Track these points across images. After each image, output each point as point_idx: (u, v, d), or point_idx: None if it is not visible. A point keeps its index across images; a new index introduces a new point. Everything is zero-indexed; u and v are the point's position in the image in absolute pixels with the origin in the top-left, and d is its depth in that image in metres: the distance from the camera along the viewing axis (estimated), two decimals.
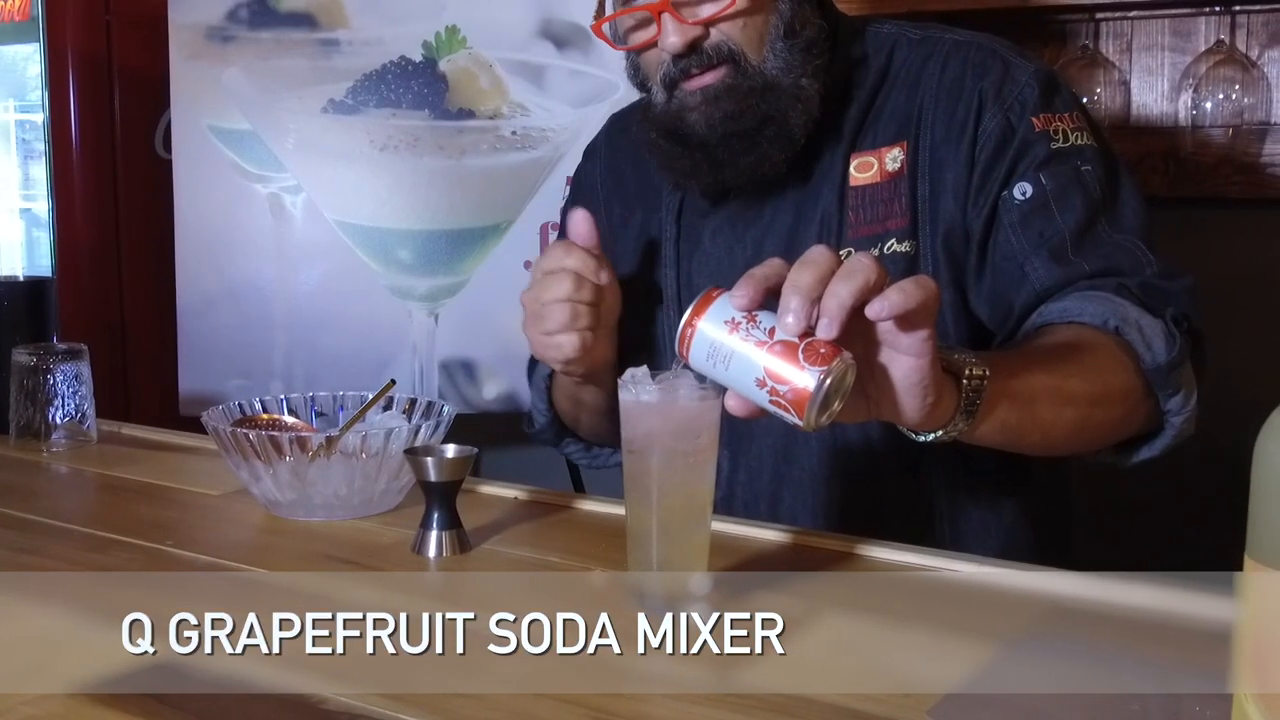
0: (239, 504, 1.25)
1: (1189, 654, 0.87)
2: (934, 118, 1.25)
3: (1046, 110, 1.24)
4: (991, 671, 0.84)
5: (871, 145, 1.27)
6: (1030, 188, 1.21)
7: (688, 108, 1.24)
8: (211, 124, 2.31)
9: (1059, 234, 1.20)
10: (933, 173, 1.25)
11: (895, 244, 1.24)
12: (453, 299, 2.30)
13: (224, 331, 2.32)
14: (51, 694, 0.80)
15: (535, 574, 1.06)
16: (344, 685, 0.81)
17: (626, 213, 1.43)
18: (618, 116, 1.54)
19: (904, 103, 1.27)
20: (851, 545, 1.09)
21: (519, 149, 2.25)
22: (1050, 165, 1.22)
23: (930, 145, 1.25)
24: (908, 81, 1.28)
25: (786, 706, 0.78)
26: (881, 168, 1.26)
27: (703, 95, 1.23)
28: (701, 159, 1.26)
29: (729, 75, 1.23)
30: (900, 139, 1.26)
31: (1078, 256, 1.20)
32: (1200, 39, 1.92)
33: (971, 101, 1.24)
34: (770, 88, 1.23)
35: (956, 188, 1.24)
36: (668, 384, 0.94)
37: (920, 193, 1.25)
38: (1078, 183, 1.22)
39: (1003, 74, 1.25)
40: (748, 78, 1.23)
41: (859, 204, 1.27)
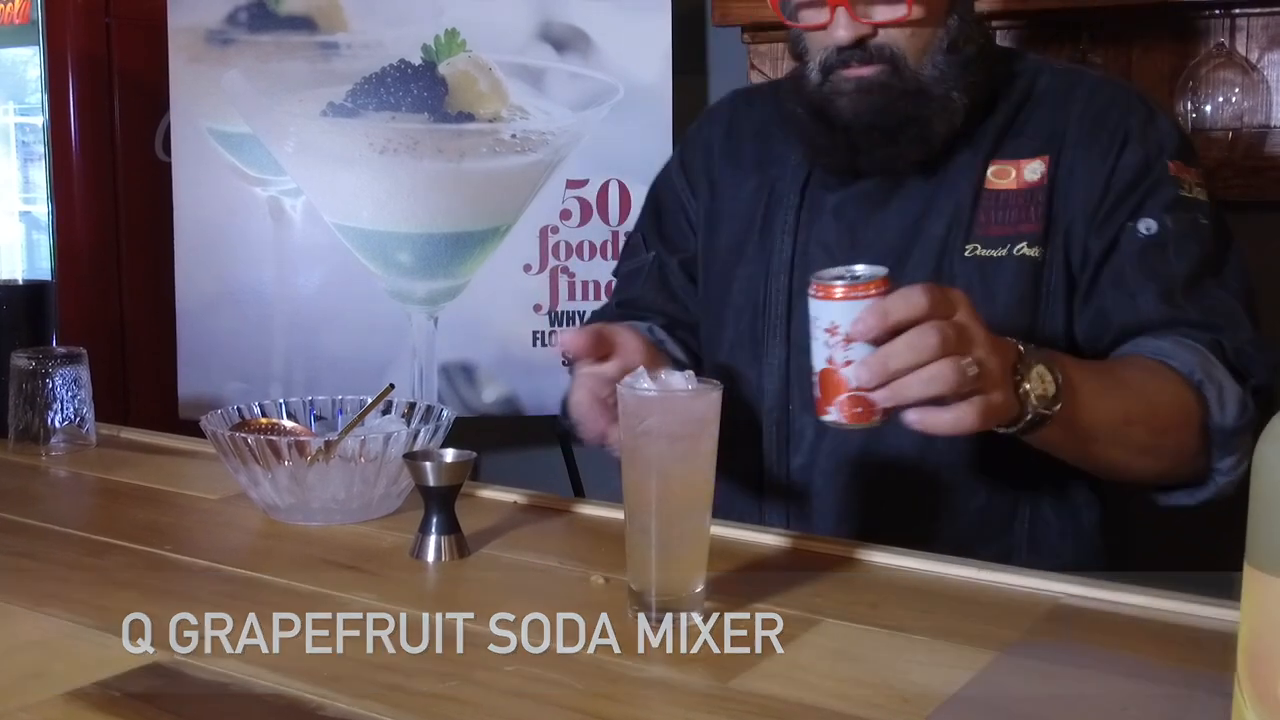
0: (237, 508, 1.25)
1: (1188, 659, 0.87)
2: (1078, 139, 1.31)
3: (1181, 159, 1.31)
4: (990, 676, 0.83)
5: (1012, 156, 1.33)
6: (1155, 225, 1.28)
7: (840, 92, 1.30)
8: (211, 127, 2.31)
9: (1171, 275, 1.26)
10: (1069, 189, 1.31)
11: (1025, 247, 1.30)
12: (452, 302, 2.30)
13: (223, 335, 2.32)
14: (49, 698, 0.80)
15: (534, 578, 1.05)
16: (342, 689, 0.81)
17: (740, 177, 1.47)
18: (744, 93, 1.61)
19: (1048, 121, 1.34)
20: (850, 549, 1.09)
21: (518, 152, 2.25)
22: (1176, 210, 1.28)
23: (1070, 163, 1.31)
24: (1053, 103, 1.35)
25: (785, 711, 0.78)
26: (1019, 176, 1.32)
27: (857, 84, 1.29)
28: (841, 141, 1.33)
29: (885, 73, 1.29)
30: (1043, 153, 1.32)
31: (1185, 302, 1.26)
32: (1200, 42, 1.92)
33: (1117, 133, 1.30)
34: (921, 93, 1.29)
35: (1086, 207, 1.30)
36: (667, 379, 0.94)
37: (1056, 205, 1.31)
38: (1195, 233, 1.28)
39: (1148, 116, 1.33)
40: (903, 80, 1.29)
41: (992, 206, 1.32)
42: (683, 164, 1.55)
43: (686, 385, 0.94)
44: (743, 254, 1.43)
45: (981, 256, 1.31)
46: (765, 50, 2.27)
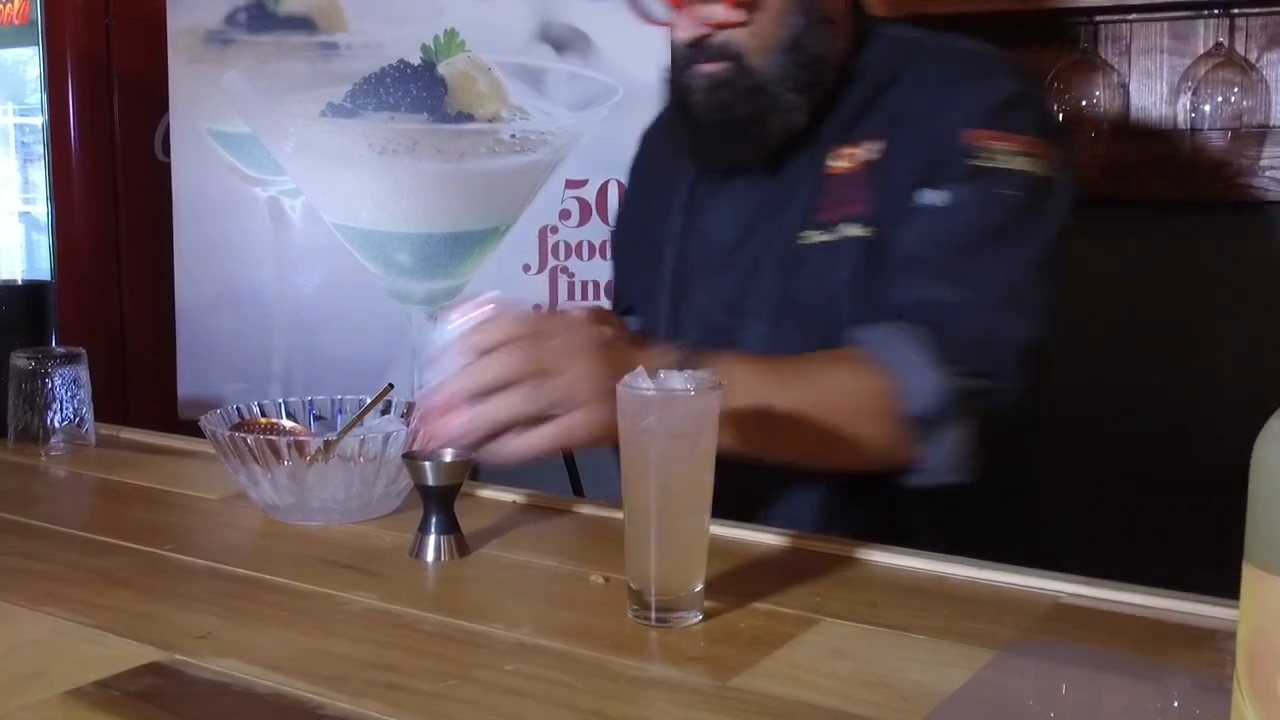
0: (237, 508, 1.25)
1: (1187, 658, 0.87)
2: (906, 114, 1.32)
3: (995, 126, 1.26)
4: (989, 675, 0.83)
5: (858, 139, 1.34)
6: (941, 195, 1.26)
7: (692, 88, 1.35)
8: (211, 127, 2.31)
9: (939, 249, 1.25)
10: (892, 165, 1.31)
11: (854, 228, 1.30)
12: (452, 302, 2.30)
13: (223, 335, 2.32)
14: (49, 697, 0.80)
15: (534, 578, 1.06)
16: (342, 689, 0.81)
17: (656, 192, 1.53)
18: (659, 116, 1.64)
19: (890, 100, 1.34)
20: (850, 549, 1.09)
21: (518, 152, 2.25)
22: (968, 180, 1.25)
23: (900, 142, 1.31)
24: (893, 80, 1.35)
25: (784, 710, 0.78)
26: (858, 158, 1.33)
27: (704, 81, 1.34)
28: (696, 136, 1.38)
29: (729, 71, 1.32)
30: (882, 134, 1.33)
31: (939, 279, 1.23)
32: (1199, 42, 1.92)
33: (937, 106, 1.30)
34: (760, 91, 1.32)
35: (903, 181, 1.29)
36: (666, 377, 0.94)
37: (885, 186, 1.31)
38: (986, 204, 1.25)
39: (972, 84, 1.30)
40: (745, 78, 1.32)
41: (831, 190, 1.34)
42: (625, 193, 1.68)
43: (685, 384, 0.94)
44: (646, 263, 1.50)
45: (815, 242, 1.32)
46: None
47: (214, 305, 2.33)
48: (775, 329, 1.34)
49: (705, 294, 1.42)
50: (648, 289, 1.49)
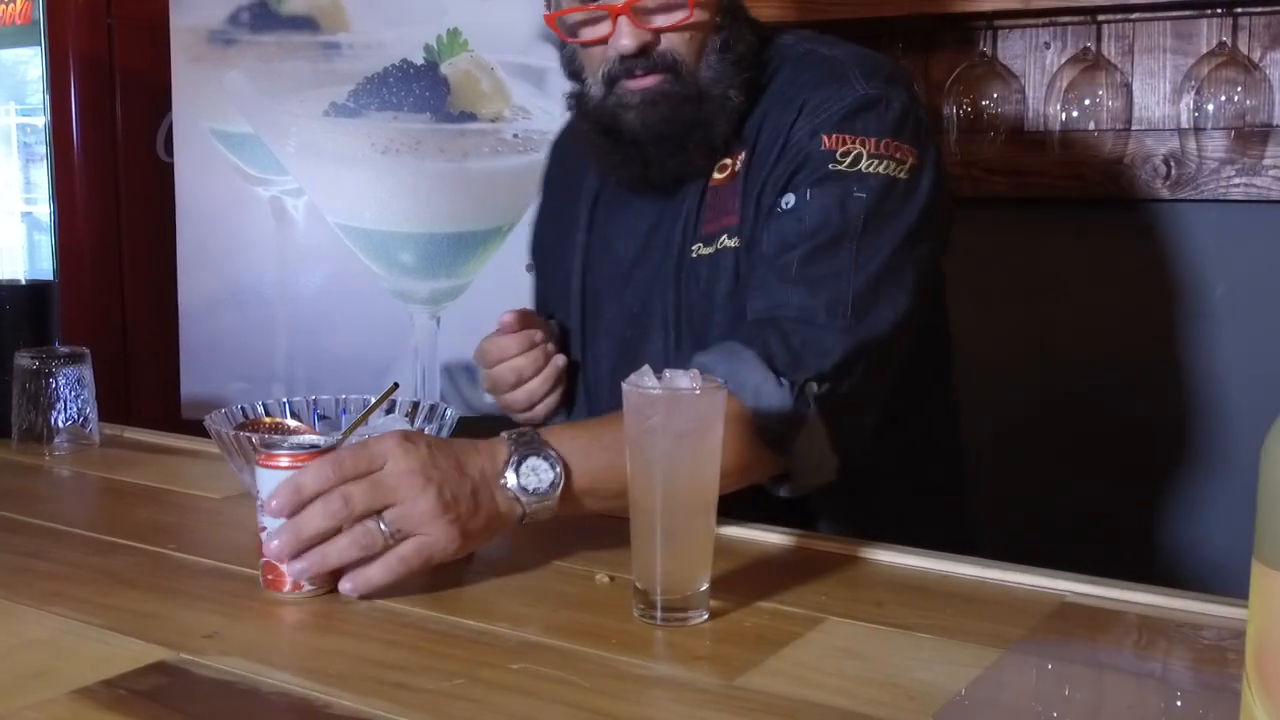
0: (241, 507, 1.24)
1: (1196, 656, 0.87)
2: (766, 124, 1.32)
3: (845, 131, 1.26)
4: (996, 674, 0.83)
5: (737, 149, 1.34)
6: (794, 199, 1.26)
7: (625, 106, 1.31)
8: (213, 127, 2.31)
9: (787, 253, 1.24)
10: (754, 178, 1.31)
11: (727, 239, 1.32)
12: (454, 302, 2.30)
13: (226, 335, 2.32)
14: (56, 696, 0.80)
15: (539, 577, 1.05)
16: (348, 688, 0.81)
17: (569, 211, 1.51)
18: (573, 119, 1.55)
19: (755, 110, 1.34)
20: (855, 548, 1.09)
21: (521, 152, 2.25)
22: (821, 186, 1.25)
23: (760, 149, 1.32)
24: (770, 93, 1.35)
25: (791, 709, 0.78)
26: (732, 169, 1.34)
27: (641, 97, 1.30)
28: (633, 155, 1.34)
29: (667, 81, 1.29)
30: (746, 144, 1.33)
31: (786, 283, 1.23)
32: (1202, 41, 1.92)
33: (793, 112, 1.30)
34: (702, 96, 1.30)
35: (771, 195, 1.29)
36: (671, 378, 0.94)
37: (749, 194, 1.31)
38: (837, 207, 1.24)
39: (831, 89, 1.29)
40: (684, 86, 1.30)
41: (712, 203, 1.34)
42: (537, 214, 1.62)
43: (691, 384, 0.94)
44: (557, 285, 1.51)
45: (700, 255, 1.33)
46: None
47: (217, 305, 2.32)
48: (675, 341, 1.35)
49: (612, 307, 1.43)
50: (560, 301, 1.50)
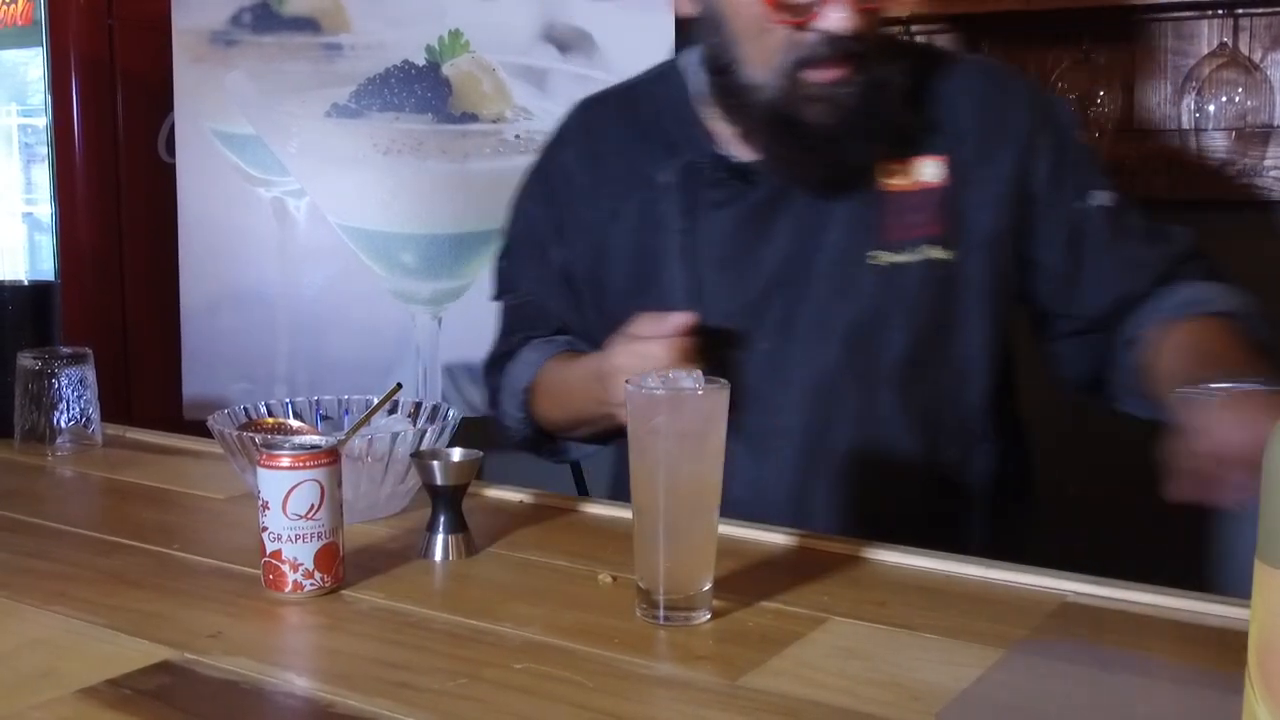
0: (244, 508, 1.25)
1: (1198, 656, 0.88)
2: (975, 134, 1.30)
3: (1075, 129, 1.35)
4: (999, 674, 0.84)
5: (903, 153, 1.30)
6: (1105, 195, 1.32)
7: (811, 98, 1.24)
8: (215, 128, 2.31)
9: (1139, 230, 1.33)
10: (971, 188, 1.30)
11: (929, 249, 1.29)
12: (456, 302, 2.30)
13: (227, 335, 2.32)
14: (61, 696, 0.80)
15: (542, 577, 1.06)
16: (352, 687, 0.81)
17: (616, 202, 1.39)
18: (595, 102, 1.50)
19: (940, 115, 1.31)
20: (858, 548, 1.09)
21: (522, 153, 2.25)
22: (1103, 177, 1.34)
23: (966, 162, 1.30)
24: (942, 95, 1.32)
25: (794, 709, 0.78)
26: (914, 176, 1.30)
27: (827, 90, 1.24)
28: (811, 150, 1.27)
29: (853, 72, 1.24)
30: (937, 150, 1.30)
31: (1160, 244, 1.33)
32: (1203, 42, 1.92)
33: (1019, 122, 1.31)
34: (884, 85, 1.26)
35: (1000, 203, 1.30)
36: (674, 378, 0.94)
37: (959, 206, 1.30)
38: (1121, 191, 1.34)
39: (1035, 93, 1.33)
40: (870, 75, 1.25)
41: (893, 209, 1.29)
42: (544, 199, 1.45)
43: (694, 384, 0.94)
44: (638, 293, 1.35)
45: (889, 263, 1.29)
46: None
47: (218, 306, 2.33)
48: (844, 353, 1.30)
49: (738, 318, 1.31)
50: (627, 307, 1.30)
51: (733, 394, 1.24)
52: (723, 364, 1.27)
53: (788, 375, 1.31)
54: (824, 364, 1.30)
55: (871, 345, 1.30)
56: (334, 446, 1.01)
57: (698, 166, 1.34)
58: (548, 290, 1.46)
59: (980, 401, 1.34)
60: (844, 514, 1.29)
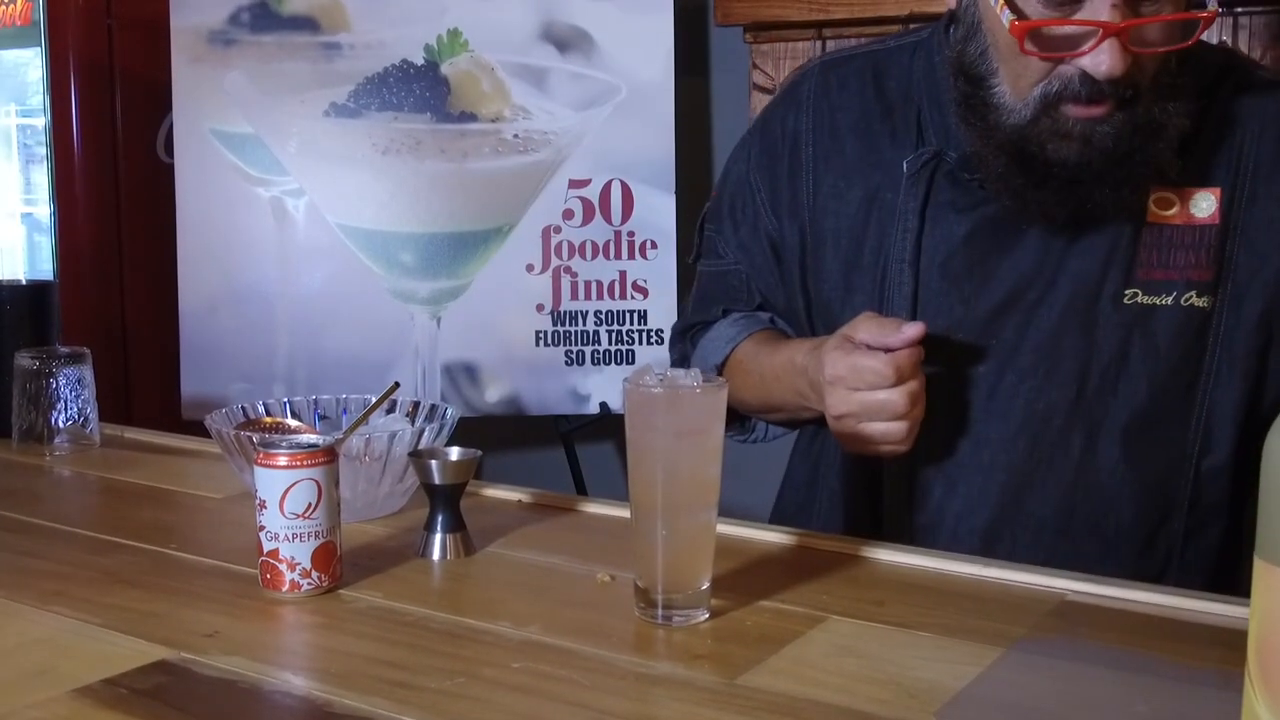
0: (242, 507, 1.24)
1: (1196, 654, 0.87)
2: (1257, 168, 1.15)
3: None
4: (997, 673, 0.83)
5: (1177, 183, 1.16)
6: None
7: (1063, 134, 1.11)
8: (213, 127, 2.31)
9: None
10: (1250, 228, 1.15)
11: (1194, 296, 1.15)
12: (455, 302, 2.30)
13: (226, 335, 2.32)
14: (57, 695, 0.80)
15: (540, 576, 1.05)
16: (349, 687, 0.81)
17: (842, 184, 1.27)
18: (836, 66, 1.34)
19: (1224, 143, 1.17)
20: (856, 547, 1.09)
21: (521, 152, 2.25)
22: None
23: (1249, 198, 1.15)
24: (1231, 120, 1.17)
25: (793, 708, 0.78)
26: (1185, 209, 1.16)
27: (1085, 126, 1.10)
28: (1056, 188, 1.13)
29: (1117, 109, 1.10)
30: (1214, 184, 1.16)
31: None
32: None
33: None
34: (1155, 127, 1.11)
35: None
36: (673, 376, 0.94)
37: (1230, 247, 1.15)
38: None
39: None
40: (1134, 115, 1.10)
41: (1156, 243, 1.16)
42: (763, 165, 1.34)
43: (692, 382, 0.94)
44: (853, 284, 1.26)
45: (1143, 304, 1.15)
46: (767, 49, 2.27)
47: (217, 305, 2.33)
48: (1050, 385, 1.18)
49: (956, 335, 1.20)
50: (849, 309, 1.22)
51: (940, 419, 1.15)
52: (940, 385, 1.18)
53: (1004, 407, 1.19)
54: (1047, 402, 1.17)
55: (1104, 390, 1.17)
56: (331, 445, 1.01)
57: (945, 161, 1.21)
58: (753, 262, 1.35)
59: (1219, 472, 1.18)
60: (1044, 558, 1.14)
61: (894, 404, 1.09)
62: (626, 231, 2.31)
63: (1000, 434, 1.19)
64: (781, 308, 1.36)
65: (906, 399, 1.09)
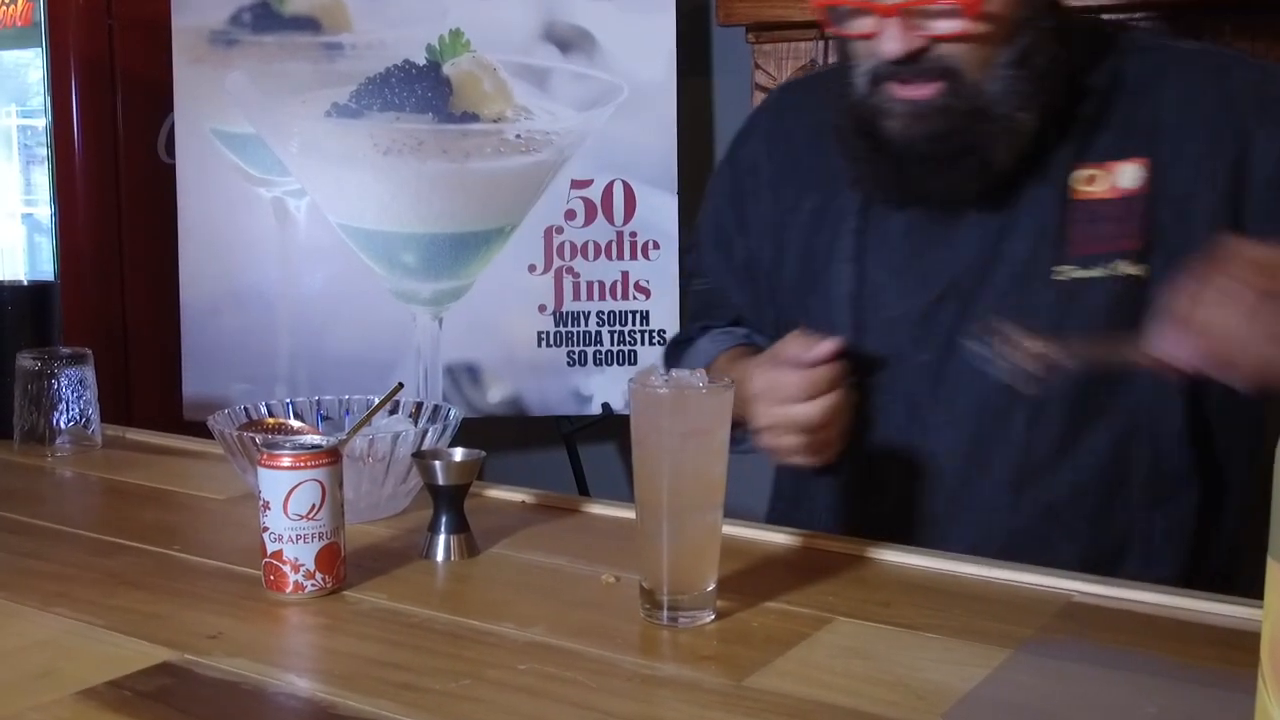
0: (244, 508, 1.24)
1: (1205, 654, 0.87)
2: (1177, 134, 1.17)
3: None
4: (1005, 674, 0.83)
5: (1101, 156, 1.18)
6: None
7: (889, 113, 1.15)
8: (215, 128, 2.31)
9: None
10: (1176, 194, 1.16)
11: (1126, 265, 1.15)
12: (457, 302, 2.30)
13: (228, 336, 2.32)
14: (61, 697, 0.80)
15: (544, 577, 1.05)
16: (354, 689, 0.81)
17: (799, 196, 1.32)
18: (791, 89, 1.45)
19: (1141, 112, 1.18)
20: (860, 548, 1.08)
21: (523, 152, 2.25)
22: None
23: (1174, 164, 1.16)
24: (1143, 90, 1.19)
25: (801, 709, 0.78)
26: (1113, 181, 1.17)
27: (908, 107, 1.14)
28: (889, 168, 1.18)
29: (941, 92, 1.13)
30: (1138, 153, 1.17)
31: None
32: None
33: (1230, 121, 1.15)
34: (981, 114, 1.14)
35: (1215, 213, 1.14)
36: (678, 377, 0.94)
37: (1160, 215, 1.16)
38: None
39: (1260, 83, 1.17)
40: (960, 99, 1.13)
41: (1084, 219, 1.17)
42: (733, 193, 1.40)
43: (698, 382, 0.94)
44: (806, 288, 1.30)
45: (1078, 279, 1.16)
46: (769, 50, 2.27)
47: (218, 306, 2.32)
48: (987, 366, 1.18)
49: (899, 331, 1.23)
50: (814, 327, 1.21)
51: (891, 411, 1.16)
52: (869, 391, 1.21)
53: (949, 393, 1.21)
54: (990, 384, 1.17)
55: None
56: (335, 446, 1.00)
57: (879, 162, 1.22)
58: (729, 281, 1.41)
59: (1174, 438, 1.18)
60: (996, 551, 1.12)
61: (807, 417, 1.12)
62: (629, 232, 2.30)
63: (948, 420, 1.22)
64: (756, 323, 1.41)
65: (820, 412, 1.12)
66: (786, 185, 1.34)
